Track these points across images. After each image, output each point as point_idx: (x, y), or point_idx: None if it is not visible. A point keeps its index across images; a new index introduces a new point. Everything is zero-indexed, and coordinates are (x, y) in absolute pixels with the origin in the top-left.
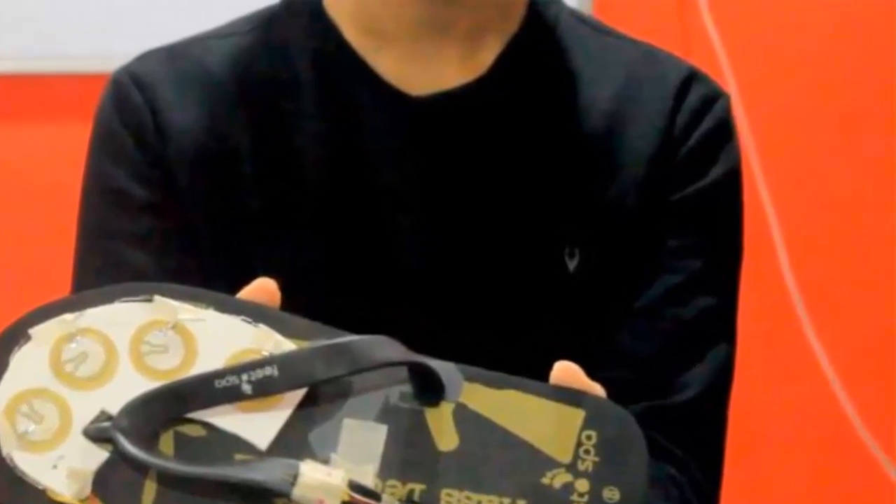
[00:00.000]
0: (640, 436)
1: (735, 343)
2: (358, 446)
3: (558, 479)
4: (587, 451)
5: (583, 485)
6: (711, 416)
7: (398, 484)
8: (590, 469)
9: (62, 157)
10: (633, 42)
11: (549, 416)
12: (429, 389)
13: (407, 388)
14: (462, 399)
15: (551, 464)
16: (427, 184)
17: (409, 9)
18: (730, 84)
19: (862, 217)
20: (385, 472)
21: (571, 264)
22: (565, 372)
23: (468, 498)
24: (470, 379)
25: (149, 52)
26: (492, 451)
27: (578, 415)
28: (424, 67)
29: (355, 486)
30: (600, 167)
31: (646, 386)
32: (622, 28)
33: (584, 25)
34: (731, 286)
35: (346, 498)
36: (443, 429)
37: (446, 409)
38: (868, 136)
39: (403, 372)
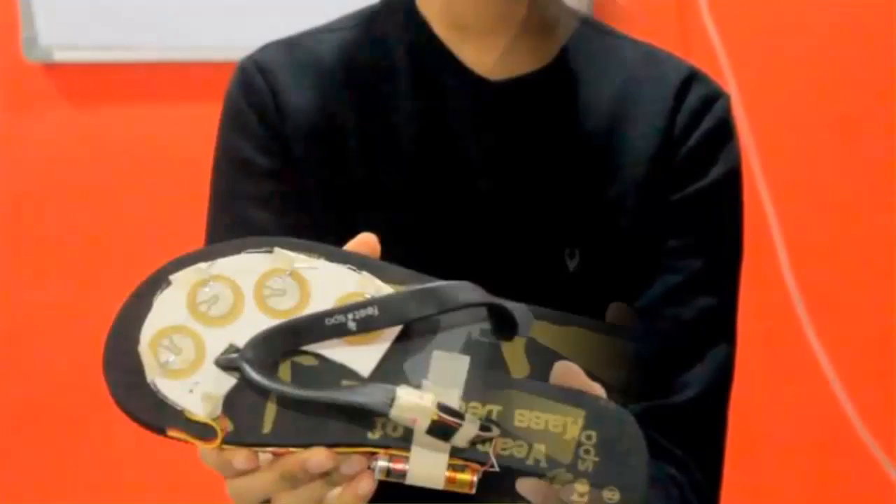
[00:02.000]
0: (641, 436)
1: (735, 343)
2: (445, 374)
3: (559, 479)
4: (587, 451)
5: (582, 486)
6: (711, 416)
7: (479, 405)
8: (590, 469)
9: (196, 133)
10: (633, 42)
11: (606, 347)
12: (504, 326)
13: (486, 325)
14: (532, 334)
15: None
16: (503, 155)
17: (488, 7)
18: (730, 84)
19: (862, 217)
20: (468, 395)
21: (571, 264)
22: (565, 372)
23: (537, 417)
24: (539, 317)
25: (270, 43)
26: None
27: (578, 414)
28: (501, 56)
29: (443, 408)
30: (600, 167)
31: (646, 386)
32: (622, 28)
33: (585, 26)
34: (731, 286)
35: (436, 417)
36: (516, 359)
37: (519, 343)
38: (868, 136)
39: (483, 311)
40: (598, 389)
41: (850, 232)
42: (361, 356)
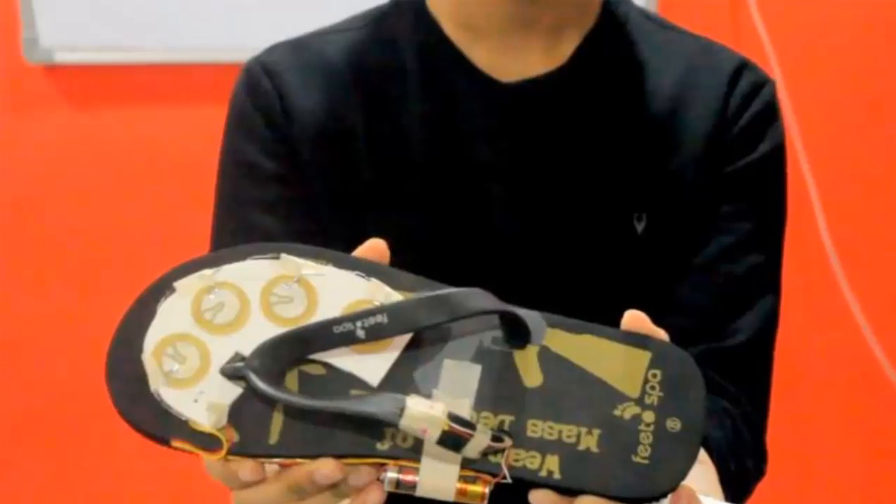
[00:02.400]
0: (699, 374)
1: (780, 294)
2: (456, 383)
3: (628, 411)
4: (653, 388)
5: (649, 416)
6: (760, 358)
7: (490, 415)
8: (655, 403)
9: (200, 136)
10: (692, 36)
11: (620, 356)
12: (517, 334)
13: (498, 333)
14: (545, 342)
15: (621, 398)
16: (515, 158)
17: (500, 7)
18: (775, 72)
19: (890, 185)
20: (479, 405)
21: (639, 227)
22: (634, 319)
23: (551, 427)
24: (552, 325)
25: (276, 44)
26: (571, 387)
27: (645, 356)
28: (513, 58)
29: (454, 417)
30: (664, 144)
31: (703, 331)
32: (682, 24)
33: (649, 22)
34: (776, 245)
35: (446, 427)
36: (529, 368)
37: (532, 351)
38: (894, 116)
39: (495, 319)
40: (662, 334)
41: (880, 198)
42: (370, 365)
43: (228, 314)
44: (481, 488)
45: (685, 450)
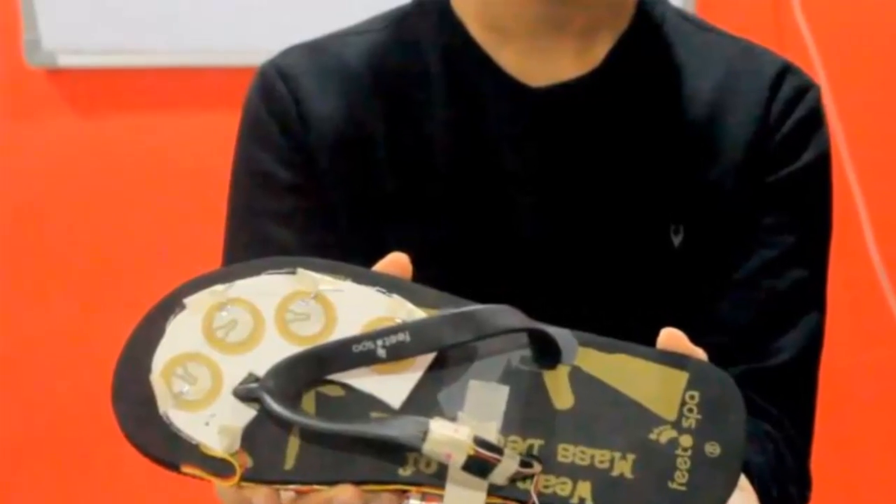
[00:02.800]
0: (739, 396)
1: (825, 311)
2: (482, 405)
3: (664, 435)
4: (690, 410)
5: (686, 440)
6: (804, 378)
7: (519, 439)
8: (693, 426)
9: (211, 144)
10: (733, 38)
11: (656, 377)
12: (547, 353)
13: (527, 352)
14: (577, 362)
15: (658, 421)
16: (545, 167)
17: (529, 8)
18: (820, 76)
19: None
20: (507, 428)
21: (676, 240)
22: (671, 337)
23: (583, 452)
24: (584, 344)
25: (292, 47)
26: (604, 409)
27: (683, 376)
28: (543, 61)
29: (480, 442)
30: (702, 152)
31: (744, 350)
32: (723, 26)
33: (687, 23)
34: (821, 260)
35: (472, 452)
36: (559, 389)
37: (562, 371)
38: None
39: (524, 337)
40: (700, 354)
41: None
42: (392, 386)
43: (242, 332)
44: None
45: (725, 476)
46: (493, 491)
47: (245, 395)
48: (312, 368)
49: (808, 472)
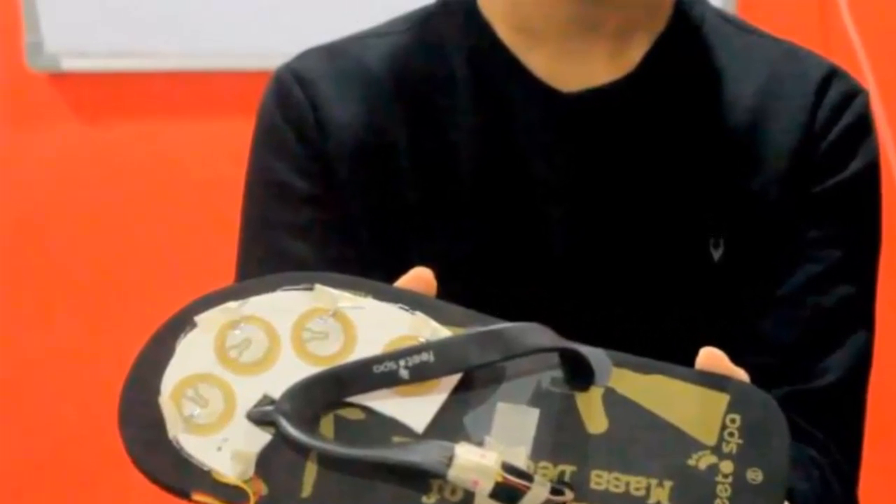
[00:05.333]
0: (783, 419)
1: (873, 330)
2: (511, 429)
3: (703, 460)
4: (731, 434)
5: (727, 466)
6: (851, 401)
7: (549, 465)
8: (734, 451)
9: (223, 152)
10: (776, 40)
11: (695, 399)
12: (579, 374)
13: (558, 373)
14: (611, 384)
15: (697, 446)
16: (577, 176)
17: (560, 8)
18: (868, 81)
19: None
20: (537, 454)
21: (716, 254)
22: (711, 357)
23: (617, 479)
24: (618, 364)
25: (309, 50)
26: (639, 433)
27: (723, 399)
28: (575, 64)
29: (508, 468)
30: (744, 160)
31: (788, 371)
32: (765, 27)
33: (728, 24)
34: (869, 275)
35: (500, 479)
36: (592, 412)
37: (596, 393)
38: None
39: (554, 357)
40: (742, 375)
41: None
42: (415, 409)
43: (256, 352)
44: None
45: (767, 503)
46: None
47: (259, 418)
48: (331, 390)
49: (855, 500)
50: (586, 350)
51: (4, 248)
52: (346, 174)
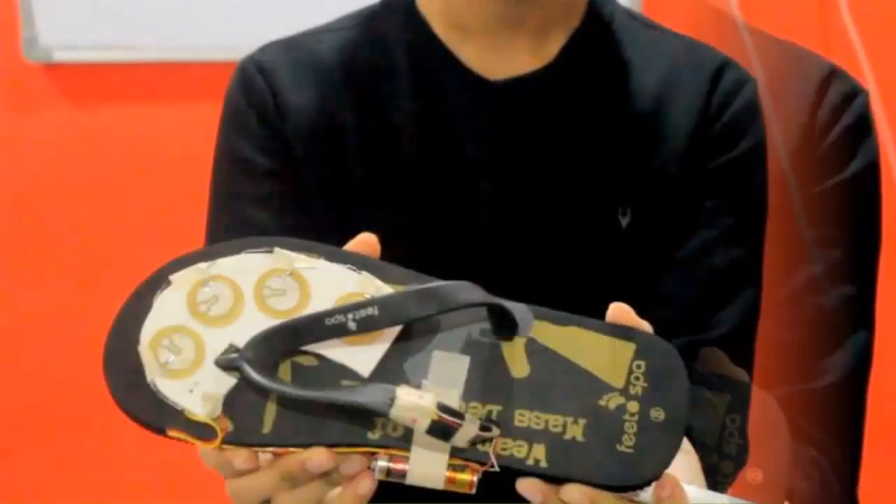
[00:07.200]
0: (682, 365)
1: (873, 330)
2: (445, 374)
3: (613, 401)
4: (637, 378)
5: (633, 406)
6: (851, 401)
7: (478, 405)
8: (639, 393)
9: (196, 133)
10: (676, 35)
11: (605, 348)
12: (504, 326)
13: (486, 325)
14: (532, 334)
15: (607, 388)
16: (504, 154)
17: (488, 7)
18: (868, 81)
19: None
20: (468, 395)
21: (624, 221)
22: (619, 311)
23: (537, 417)
24: (539, 317)
25: (269, 43)
26: (557, 377)
27: (630, 347)
28: (501, 56)
29: (443, 407)
30: (648, 140)
31: (686, 323)
32: (765, 27)
33: (634, 21)
34: (869, 275)
35: (436, 417)
36: (516, 359)
37: (519, 342)
38: None
39: (483, 311)
40: (646, 326)
41: None
42: (361, 356)
43: (223, 306)
44: (470, 476)
45: (669, 439)
46: (454, 453)
47: (226, 364)
48: (288, 340)
49: (855, 500)
50: (511, 305)
51: (3, 220)
52: (302, 152)
